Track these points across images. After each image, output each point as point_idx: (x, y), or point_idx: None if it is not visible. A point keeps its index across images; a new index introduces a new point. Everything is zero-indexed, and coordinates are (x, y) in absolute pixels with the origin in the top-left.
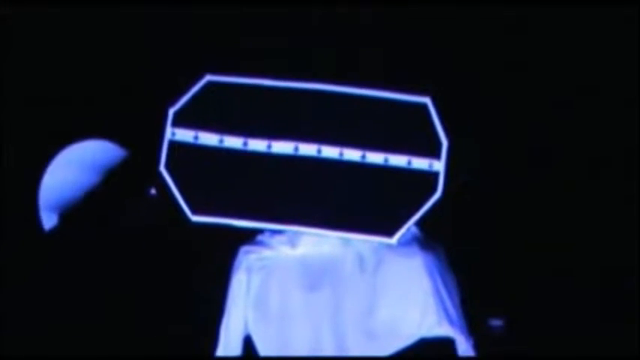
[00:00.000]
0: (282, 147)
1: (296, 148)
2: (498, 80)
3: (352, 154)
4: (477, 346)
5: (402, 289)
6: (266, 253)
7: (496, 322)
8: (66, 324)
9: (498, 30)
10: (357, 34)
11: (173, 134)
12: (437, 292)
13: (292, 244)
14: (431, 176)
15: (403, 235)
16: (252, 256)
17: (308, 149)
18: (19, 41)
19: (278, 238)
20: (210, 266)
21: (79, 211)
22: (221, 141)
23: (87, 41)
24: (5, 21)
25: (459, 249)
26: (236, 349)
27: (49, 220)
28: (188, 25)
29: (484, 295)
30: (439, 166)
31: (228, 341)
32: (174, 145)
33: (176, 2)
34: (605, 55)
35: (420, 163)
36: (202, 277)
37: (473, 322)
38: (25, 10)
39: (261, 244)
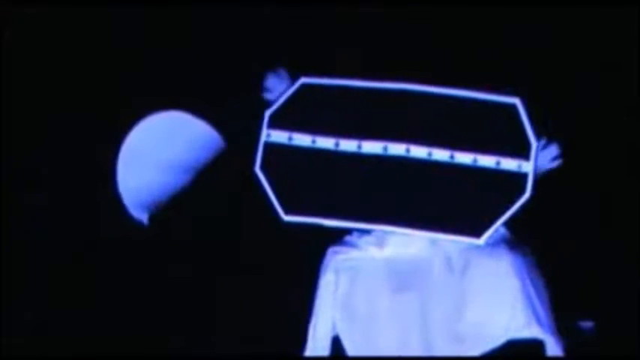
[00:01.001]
0: (372, 147)
1: (385, 148)
2: (589, 80)
3: (441, 154)
4: (566, 348)
5: (490, 290)
6: (354, 253)
7: (586, 324)
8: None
9: (588, 29)
10: (446, 33)
11: (268, 135)
12: (525, 293)
13: (380, 244)
14: (519, 177)
15: (491, 236)
16: (340, 257)
17: (397, 149)
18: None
19: (366, 238)
20: (300, 266)
21: (169, 212)
22: (314, 141)
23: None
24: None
25: (547, 250)
26: (324, 350)
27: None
28: (279, 26)
29: (574, 297)
30: (528, 167)
31: (317, 341)
32: (269, 147)
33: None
34: None
35: (508, 163)
36: (292, 277)
37: (563, 324)
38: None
39: (349, 244)
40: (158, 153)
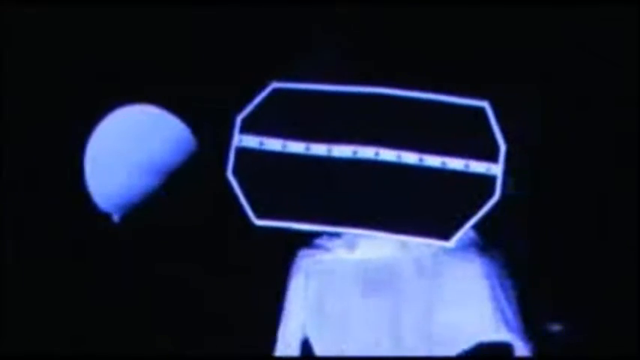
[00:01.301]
0: (342, 150)
1: (355, 152)
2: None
3: (410, 157)
4: (535, 351)
5: (460, 293)
6: (324, 256)
7: (555, 327)
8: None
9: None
10: (413, 35)
11: (240, 140)
12: (495, 297)
13: (350, 247)
14: (489, 180)
15: (460, 238)
16: (310, 260)
17: (366, 152)
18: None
19: (336, 241)
20: (269, 270)
21: (139, 213)
22: (284, 146)
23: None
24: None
25: (517, 252)
26: (293, 351)
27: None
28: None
29: (543, 300)
30: (497, 169)
31: (287, 344)
32: (241, 151)
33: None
34: None
35: (477, 166)
36: (261, 280)
37: (531, 327)
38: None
39: (318, 247)
40: (129, 152)
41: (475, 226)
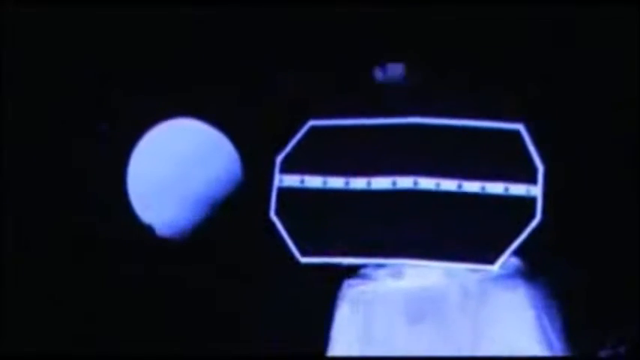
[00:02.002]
0: (381, 182)
1: (394, 183)
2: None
3: (449, 185)
4: None
5: (506, 321)
6: (370, 285)
7: (604, 353)
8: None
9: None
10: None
11: (281, 181)
12: (541, 324)
13: (396, 276)
14: (529, 202)
15: (505, 266)
16: (357, 289)
17: (405, 183)
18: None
19: (381, 271)
20: (316, 299)
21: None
22: (325, 182)
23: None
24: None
25: (563, 278)
26: None
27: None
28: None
29: (591, 327)
30: (536, 191)
31: None
32: (282, 191)
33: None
34: None
35: (517, 189)
36: (308, 309)
37: (580, 355)
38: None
39: (365, 276)
40: (180, 185)
41: (520, 253)
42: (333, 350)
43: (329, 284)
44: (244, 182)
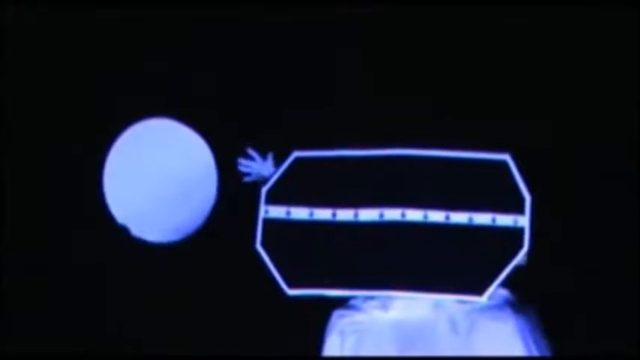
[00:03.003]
0: (368, 214)
1: (381, 215)
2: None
3: (436, 216)
4: None
5: (495, 353)
6: (359, 316)
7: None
8: None
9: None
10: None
11: (266, 212)
12: (530, 356)
13: (384, 307)
14: (516, 232)
15: (494, 297)
16: (346, 320)
17: (393, 214)
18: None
19: (370, 302)
20: (305, 330)
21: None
22: (311, 214)
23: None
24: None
25: (552, 309)
26: None
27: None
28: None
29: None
30: (524, 221)
31: None
32: (268, 223)
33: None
34: None
35: (504, 219)
36: (296, 340)
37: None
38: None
39: (353, 308)
40: (150, 165)
41: (508, 284)
42: None
43: (317, 315)
44: (229, 213)
